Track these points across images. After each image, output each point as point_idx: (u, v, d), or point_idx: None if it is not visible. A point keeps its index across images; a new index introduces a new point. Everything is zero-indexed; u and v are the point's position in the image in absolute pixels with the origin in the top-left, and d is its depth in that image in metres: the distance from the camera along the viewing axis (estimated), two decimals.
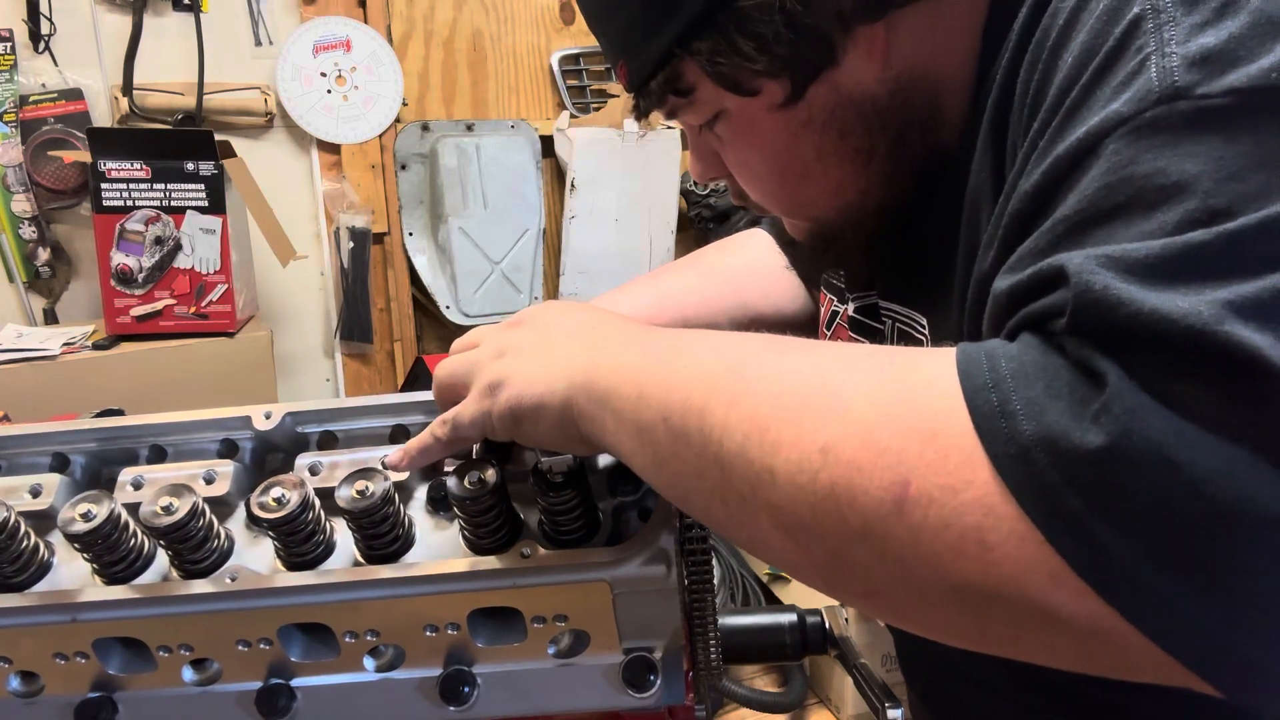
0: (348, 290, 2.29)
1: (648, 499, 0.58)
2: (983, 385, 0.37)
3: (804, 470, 0.39)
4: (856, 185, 0.61)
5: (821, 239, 0.67)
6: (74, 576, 0.56)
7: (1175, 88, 0.37)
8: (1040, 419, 0.34)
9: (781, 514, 0.41)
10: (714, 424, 0.43)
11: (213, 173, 1.86)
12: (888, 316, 0.71)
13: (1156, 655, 0.34)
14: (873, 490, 0.37)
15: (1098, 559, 0.33)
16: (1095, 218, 0.38)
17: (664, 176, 2.46)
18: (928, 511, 0.36)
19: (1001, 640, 0.38)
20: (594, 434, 0.50)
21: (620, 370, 0.49)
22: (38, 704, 0.56)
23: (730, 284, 0.95)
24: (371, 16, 2.24)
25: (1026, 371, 0.36)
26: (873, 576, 0.39)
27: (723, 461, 0.43)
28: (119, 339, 1.88)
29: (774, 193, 0.63)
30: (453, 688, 0.55)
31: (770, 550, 0.43)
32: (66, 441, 0.61)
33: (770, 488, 0.41)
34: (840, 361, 0.42)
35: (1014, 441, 0.35)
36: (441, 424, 0.56)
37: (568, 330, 0.55)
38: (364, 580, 0.53)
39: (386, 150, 2.30)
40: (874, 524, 0.37)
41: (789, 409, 0.41)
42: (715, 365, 0.46)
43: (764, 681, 2.23)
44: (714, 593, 0.60)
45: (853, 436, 0.38)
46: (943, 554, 0.36)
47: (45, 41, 1.98)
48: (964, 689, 0.72)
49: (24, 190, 1.98)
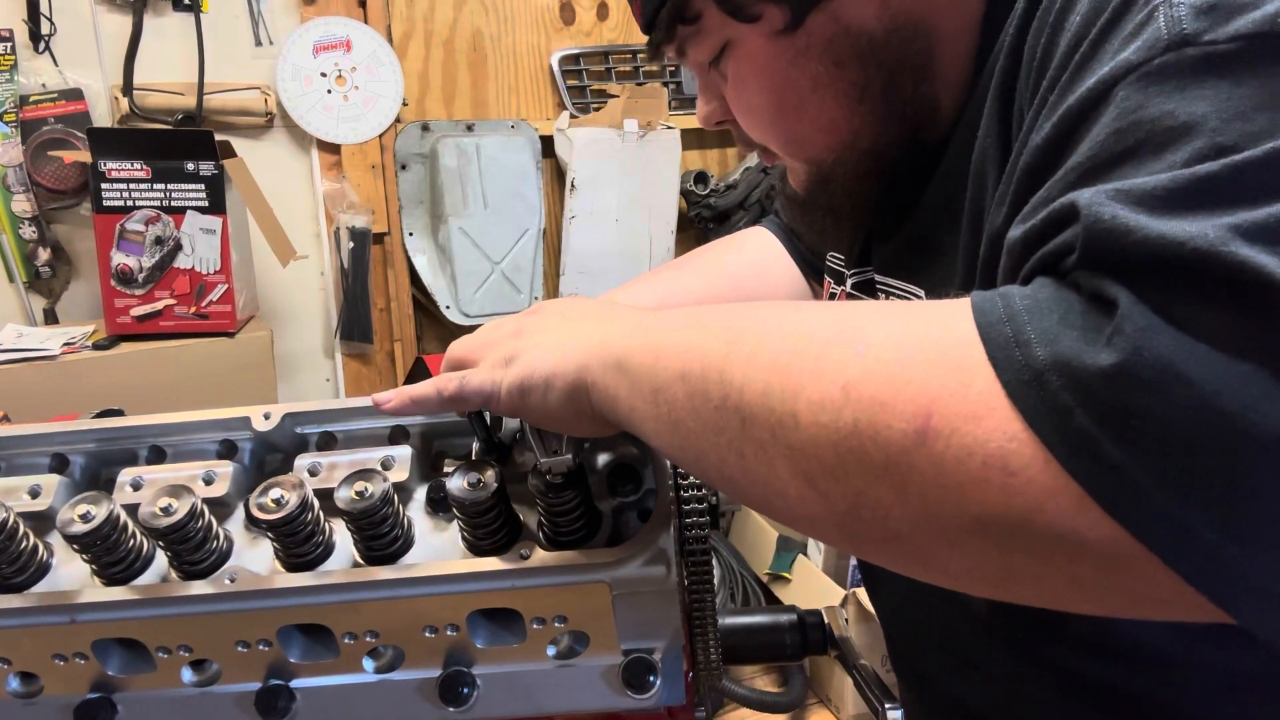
0: (348, 290, 2.29)
1: (648, 499, 0.58)
2: (997, 319, 0.37)
3: (826, 409, 0.39)
4: (849, 123, 0.63)
5: (817, 185, 0.68)
6: (73, 577, 0.56)
7: (1183, 35, 0.38)
8: (1054, 345, 0.35)
9: (803, 458, 0.41)
10: (734, 376, 0.43)
11: (213, 173, 1.86)
12: (884, 291, 0.72)
13: (1176, 583, 0.34)
14: (895, 423, 0.37)
15: (1110, 480, 0.33)
16: (1106, 162, 0.39)
17: (664, 176, 2.46)
18: (950, 441, 0.36)
19: (1026, 577, 0.38)
20: (605, 404, 0.50)
21: (635, 336, 0.50)
22: (37, 704, 0.56)
23: (730, 282, 0.96)
24: (371, 16, 2.24)
25: (1040, 305, 0.37)
26: (894, 518, 0.39)
27: (743, 411, 0.43)
28: (119, 339, 1.88)
29: (770, 127, 0.66)
30: (452, 688, 0.55)
31: (786, 503, 0.43)
32: (66, 442, 0.61)
33: (792, 430, 0.41)
34: (860, 312, 0.43)
35: (1028, 367, 0.35)
36: (448, 380, 0.55)
37: (583, 314, 0.56)
38: (363, 581, 0.53)
39: (386, 150, 2.30)
40: (897, 458, 0.37)
41: (810, 354, 0.41)
42: (734, 325, 0.46)
43: (764, 681, 2.23)
44: (714, 593, 0.60)
45: (874, 373, 0.39)
46: (966, 484, 0.36)
47: (45, 41, 1.98)
48: (955, 674, 0.72)
49: (24, 190, 1.98)
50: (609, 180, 2.40)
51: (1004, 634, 0.65)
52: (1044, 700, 0.64)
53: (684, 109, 2.61)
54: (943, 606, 0.70)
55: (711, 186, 2.57)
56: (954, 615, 0.69)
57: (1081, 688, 0.61)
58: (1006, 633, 0.65)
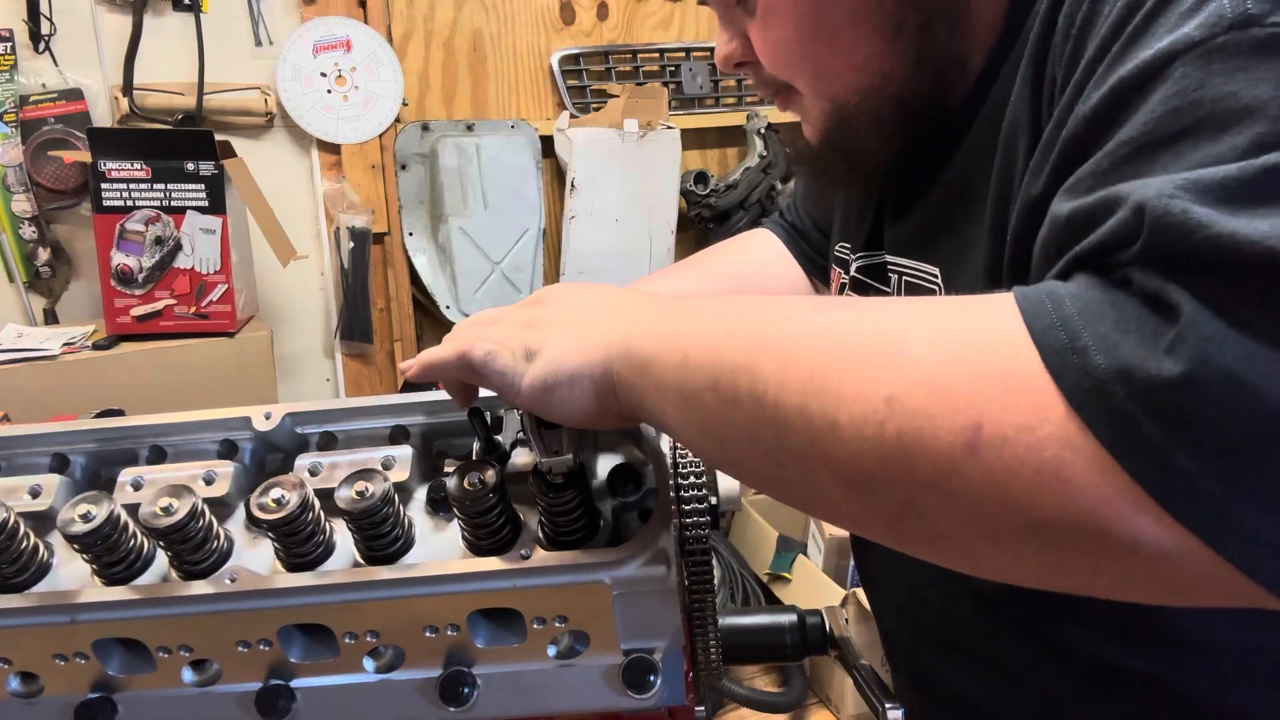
0: (348, 290, 2.29)
1: (648, 499, 0.58)
2: (1049, 324, 0.36)
3: (869, 422, 0.39)
4: (881, 62, 0.62)
5: (836, 126, 0.67)
6: (73, 577, 0.56)
7: (1247, 14, 0.38)
8: (1113, 352, 0.34)
9: (845, 467, 0.40)
10: (767, 384, 0.42)
11: (213, 173, 1.86)
12: (895, 271, 0.71)
13: (1235, 578, 0.34)
14: (943, 435, 0.37)
15: (1179, 487, 0.33)
16: (1162, 139, 0.38)
17: (664, 176, 2.46)
18: (1001, 451, 0.36)
19: (1078, 574, 0.38)
20: (632, 403, 0.50)
21: (659, 336, 0.49)
22: (37, 704, 0.56)
23: (733, 284, 0.96)
24: (371, 16, 2.24)
25: (1092, 309, 0.36)
26: (943, 521, 0.39)
27: (780, 421, 0.42)
28: (119, 339, 1.88)
29: (799, 61, 0.64)
30: (453, 688, 0.55)
31: (830, 506, 0.43)
32: (66, 442, 0.61)
33: (833, 442, 0.40)
34: (892, 313, 0.42)
35: (1088, 375, 0.35)
36: (473, 347, 0.53)
37: (593, 304, 0.54)
38: (364, 581, 0.53)
39: (386, 150, 2.30)
40: (946, 469, 0.37)
41: (848, 361, 0.40)
42: (760, 325, 0.45)
43: (764, 681, 2.23)
44: (714, 593, 0.60)
45: (919, 383, 0.38)
46: (1020, 492, 0.36)
47: (45, 41, 1.98)
48: (956, 670, 0.72)
49: (24, 190, 1.98)
50: (609, 180, 2.40)
51: (1011, 617, 0.65)
52: (1047, 688, 0.64)
53: (684, 109, 2.61)
54: (944, 600, 0.70)
55: (711, 186, 2.57)
56: (956, 606, 0.69)
57: (1089, 671, 0.61)
58: (1015, 616, 0.64)
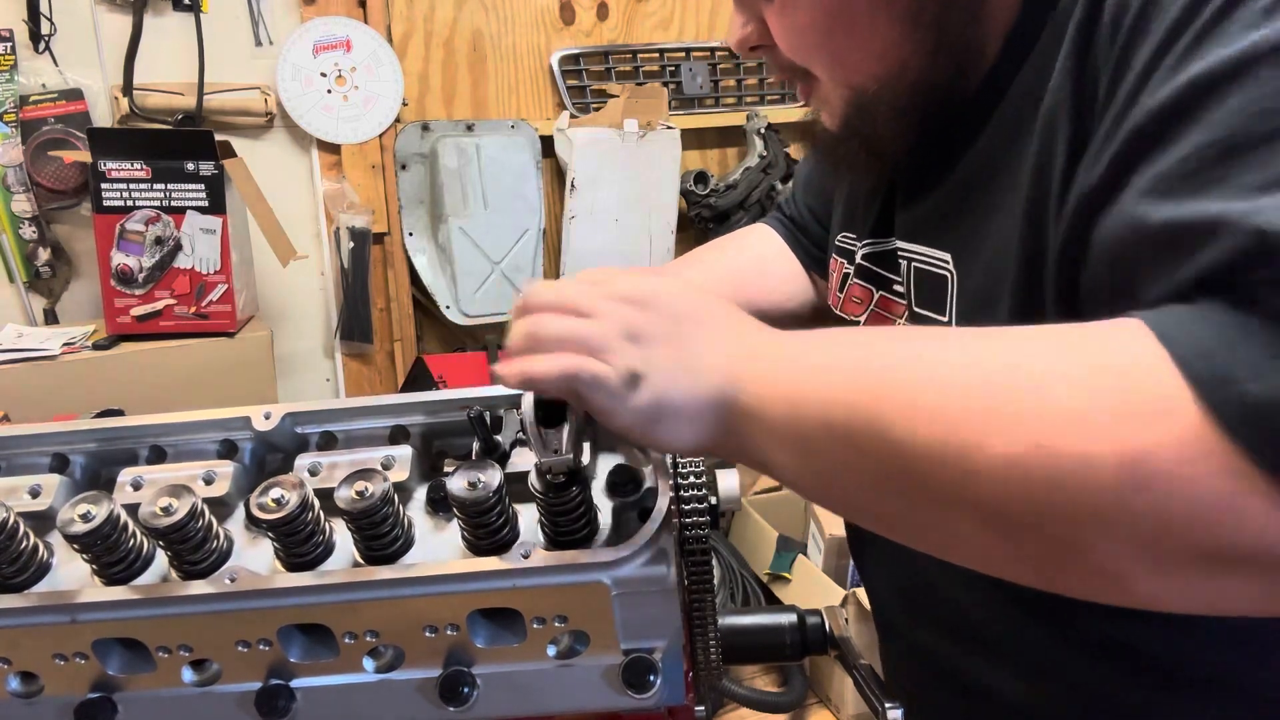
0: (348, 290, 2.29)
1: (648, 499, 0.58)
2: (1194, 354, 0.36)
3: (1018, 466, 0.38)
4: (899, 50, 0.62)
5: (855, 113, 0.67)
6: (73, 577, 0.56)
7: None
8: (1267, 379, 0.34)
9: (989, 513, 0.40)
10: (892, 429, 0.41)
11: (213, 173, 1.85)
12: (905, 258, 0.71)
13: None
14: (1102, 475, 0.36)
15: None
16: (1247, 143, 0.38)
17: (664, 176, 2.46)
18: (1170, 487, 0.36)
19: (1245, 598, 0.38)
20: (738, 450, 0.49)
21: (763, 376, 0.48)
22: (37, 704, 0.56)
23: (731, 280, 0.96)
24: (371, 17, 2.24)
25: (1232, 336, 0.36)
26: (1102, 557, 0.38)
27: (910, 468, 0.41)
28: (119, 339, 1.88)
29: (817, 48, 0.65)
30: (452, 688, 0.55)
31: (969, 549, 0.42)
32: (66, 442, 0.61)
33: (973, 488, 0.39)
34: (1019, 347, 0.41)
35: (1244, 404, 0.35)
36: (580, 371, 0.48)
37: (698, 317, 0.52)
38: (363, 581, 0.52)
39: (386, 150, 2.30)
40: (1107, 508, 0.37)
41: (980, 404, 0.40)
42: (870, 364, 0.44)
43: (764, 681, 2.23)
44: (714, 593, 0.60)
45: (1068, 427, 0.37)
46: (1193, 525, 0.36)
47: (45, 41, 1.98)
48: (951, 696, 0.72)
49: (24, 190, 1.98)
50: (609, 180, 2.40)
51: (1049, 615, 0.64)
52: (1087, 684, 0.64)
53: (684, 109, 2.61)
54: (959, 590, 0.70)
55: (711, 186, 2.57)
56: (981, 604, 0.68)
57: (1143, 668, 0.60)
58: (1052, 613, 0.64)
